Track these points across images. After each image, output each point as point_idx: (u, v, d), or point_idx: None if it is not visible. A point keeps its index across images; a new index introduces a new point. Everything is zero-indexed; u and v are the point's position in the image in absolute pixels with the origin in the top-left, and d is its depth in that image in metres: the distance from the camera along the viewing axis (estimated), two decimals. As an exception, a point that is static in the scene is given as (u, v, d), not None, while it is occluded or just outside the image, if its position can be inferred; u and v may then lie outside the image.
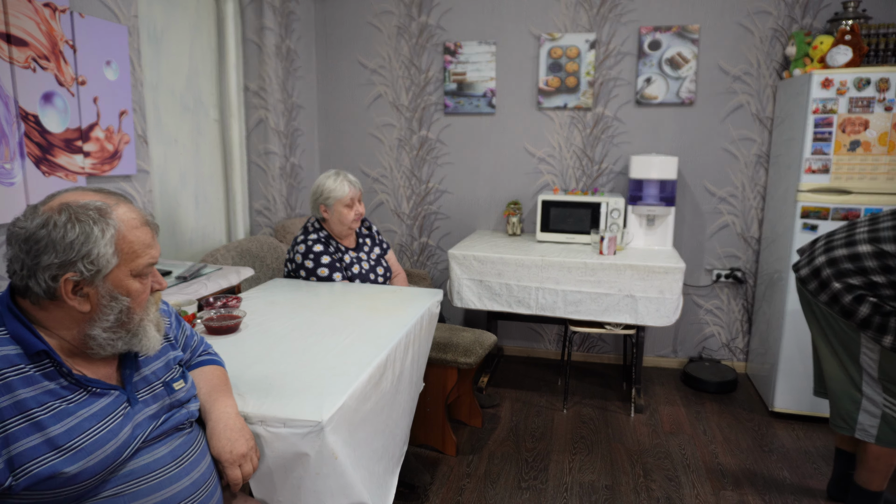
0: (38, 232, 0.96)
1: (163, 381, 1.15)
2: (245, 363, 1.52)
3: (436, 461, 2.53)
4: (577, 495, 2.31)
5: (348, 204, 2.38)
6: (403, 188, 3.81)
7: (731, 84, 3.29)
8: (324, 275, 2.34)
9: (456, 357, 2.49)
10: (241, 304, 1.98)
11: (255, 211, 3.20)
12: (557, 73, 3.45)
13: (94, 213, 0.99)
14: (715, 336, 3.55)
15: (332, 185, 2.38)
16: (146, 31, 2.51)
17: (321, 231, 2.43)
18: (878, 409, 1.98)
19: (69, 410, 0.98)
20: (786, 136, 3.00)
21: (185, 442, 1.14)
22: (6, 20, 1.72)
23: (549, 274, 2.86)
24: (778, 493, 2.33)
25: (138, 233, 1.04)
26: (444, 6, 3.55)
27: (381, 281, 2.52)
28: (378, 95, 3.73)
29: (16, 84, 1.76)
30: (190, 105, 2.83)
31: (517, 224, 3.49)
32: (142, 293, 1.06)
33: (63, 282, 0.97)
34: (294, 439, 1.24)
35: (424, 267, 3.87)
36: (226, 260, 2.55)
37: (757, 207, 3.37)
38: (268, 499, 1.29)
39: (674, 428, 2.86)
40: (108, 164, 2.14)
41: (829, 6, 3.12)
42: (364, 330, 1.78)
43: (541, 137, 3.56)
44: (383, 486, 1.65)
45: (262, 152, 3.17)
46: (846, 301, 1.94)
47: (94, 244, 0.98)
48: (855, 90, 2.66)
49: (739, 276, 3.41)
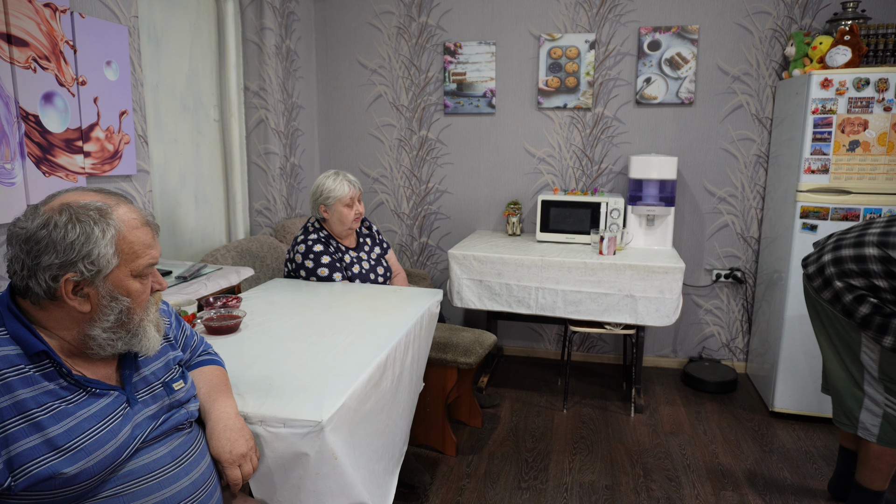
0: (38, 232, 0.96)
1: (162, 381, 1.16)
2: (245, 363, 1.52)
3: (436, 461, 2.53)
4: (577, 495, 2.31)
5: (348, 204, 2.39)
6: (403, 188, 3.81)
7: (730, 84, 3.29)
8: (324, 275, 2.34)
9: (456, 357, 2.49)
10: (241, 304, 1.98)
11: (255, 211, 3.20)
12: (557, 73, 3.45)
13: (94, 214, 0.99)
14: (715, 336, 3.55)
15: (331, 185, 2.38)
16: (146, 31, 2.52)
17: (321, 231, 2.43)
18: (879, 408, 1.98)
19: (69, 411, 0.98)
20: (785, 137, 3.00)
21: (185, 442, 1.14)
22: (6, 20, 1.72)
23: (548, 274, 2.86)
24: (778, 493, 2.33)
25: (139, 233, 1.04)
26: (444, 6, 3.56)
27: (381, 281, 2.52)
28: (378, 95, 3.73)
29: (16, 84, 1.76)
30: (190, 105, 2.83)
31: (517, 224, 3.49)
32: (142, 293, 1.06)
33: (63, 282, 0.97)
34: (294, 439, 1.24)
35: (424, 267, 3.87)
36: (226, 260, 2.55)
37: (756, 207, 3.37)
38: (268, 499, 1.29)
39: (674, 428, 2.86)
40: (108, 165, 2.14)
41: (829, 6, 3.12)
42: (364, 330, 1.78)
43: (541, 137, 3.56)
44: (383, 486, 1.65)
45: (262, 152, 3.17)
46: (847, 300, 1.94)
47: (95, 244, 0.98)
48: (854, 90, 2.66)
49: (739, 275, 3.41)
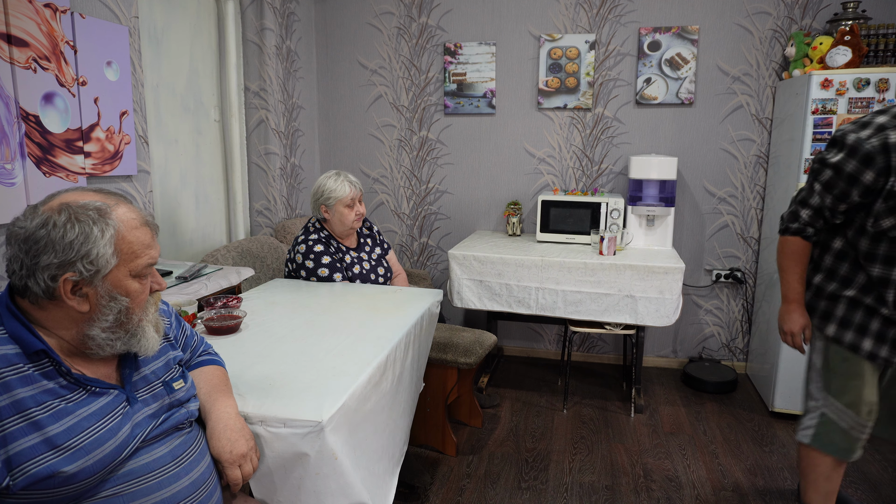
0: (37, 232, 0.96)
1: (162, 380, 1.16)
2: (245, 363, 1.52)
3: (436, 461, 2.53)
4: (577, 495, 2.31)
5: (349, 204, 2.39)
6: (403, 188, 3.81)
7: (730, 84, 3.29)
8: (324, 275, 2.34)
9: (456, 357, 2.49)
10: (241, 305, 1.98)
11: (255, 211, 3.21)
12: (557, 73, 3.45)
13: (93, 214, 0.99)
14: (715, 336, 3.55)
15: (332, 186, 2.39)
16: (147, 31, 2.52)
17: (322, 231, 2.44)
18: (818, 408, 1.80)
19: (68, 410, 0.98)
20: (785, 137, 3.00)
21: (185, 442, 1.14)
22: (7, 21, 1.72)
23: (549, 274, 2.86)
24: (778, 493, 2.33)
25: (138, 233, 1.04)
26: (445, 7, 3.56)
27: (381, 281, 2.52)
28: (378, 96, 3.74)
29: (16, 84, 1.76)
30: (190, 105, 2.83)
31: (517, 224, 3.49)
32: (141, 293, 1.06)
33: (62, 282, 0.97)
34: (294, 439, 1.24)
35: (424, 267, 3.87)
36: (226, 260, 2.55)
37: (756, 207, 3.37)
38: (268, 499, 1.29)
39: (674, 428, 2.86)
40: (108, 165, 2.14)
41: (829, 7, 3.12)
42: (364, 330, 1.78)
43: (541, 138, 3.56)
44: (383, 486, 1.65)
45: (263, 153, 3.17)
46: None
47: (94, 244, 0.98)
48: (854, 91, 2.66)
49: (739, 276, 3.41)
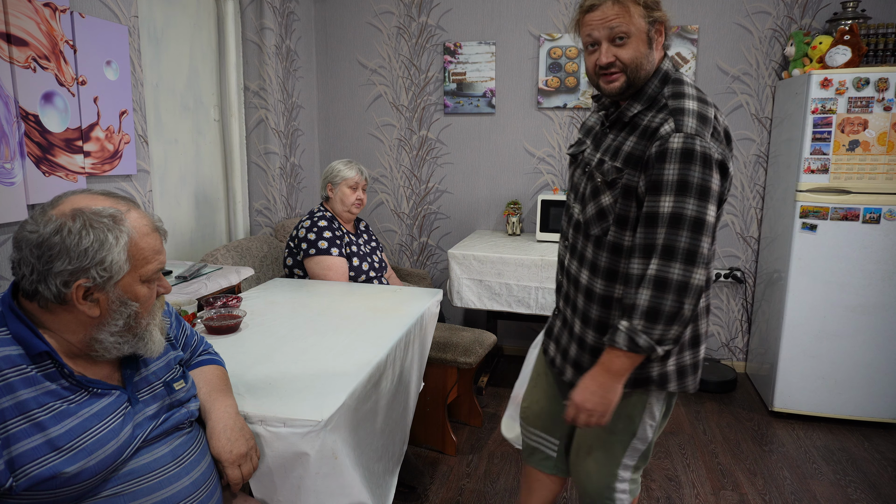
0: (51, 238, 0.96)
1: (163, 380, 1.16)
2: (245, 363, 1.52)
3: (436, 461, 2.54)
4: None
5: (352, 186, 2.56)
6: (403, 188, 3.81)
7: (730, 84, 3.29)
8: (323, 247, 2.43)
9: (456, 357, 2.49)
10: (241, 304, 1.98)
11: (255, 211, 3.20)
12: (557, 73, 3.45)
13: (108, 221, 1.00)
14: (714, 336, 3.55)
15: (342, 168, 2.60)
16: (146, 31, 2.52)
17: (326, 212, 2.57)
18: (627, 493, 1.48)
19: (70, 411, 0.98)
20: (785, 136, 3.00)
21: (185, 441, 1.15)
22: (6, 20, 1.72)
23: (548, 274, 2.86)
24: (778, 493, 2.33)
25: (149, 239, 1.05)
26: (444, 6, 3.55)
27: (377, 267, 2.61)
28: (378, 95, 3.73)
29: (16, 84, 1.76)
30: (190, 105, 2.83)
31: (517, 224, 3.49)
32: (149, 298, 1.07)
33: (75, 287, 0.97)
34: (294, 439, 1.24)
35: (424, 267, 3.87)
36: (226, 260, 2.55)
37: (756, 207, 3.37)
38: (268, 499, 1.29)
39: (674, 428, 2.86)
40: (108, 164, 2.14)
41: (829, 6, 3.12)
42: (364, 330, 1.78)
43: (540, 137, 3.56)
44: (383, 485, 1.65)
45: (262, 152, 3.17)
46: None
47: (109, 251, 0.98)
48: (854, 90, 2.66)
49: (739, 275, 3.41)
